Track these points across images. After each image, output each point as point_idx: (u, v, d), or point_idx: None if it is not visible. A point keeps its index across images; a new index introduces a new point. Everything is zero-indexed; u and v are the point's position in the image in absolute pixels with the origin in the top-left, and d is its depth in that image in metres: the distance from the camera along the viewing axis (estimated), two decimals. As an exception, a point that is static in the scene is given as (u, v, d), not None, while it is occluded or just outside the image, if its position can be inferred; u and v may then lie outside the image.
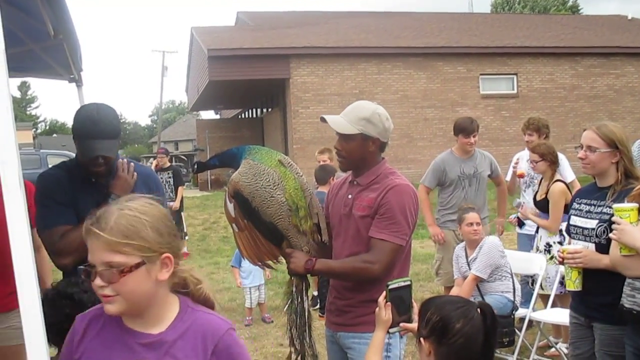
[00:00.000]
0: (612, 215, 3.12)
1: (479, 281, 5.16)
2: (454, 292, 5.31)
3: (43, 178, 3.08)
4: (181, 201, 11.11)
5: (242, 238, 3.05)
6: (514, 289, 5.25)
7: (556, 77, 23.05)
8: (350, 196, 3.06)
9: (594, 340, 3.42)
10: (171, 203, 10.16)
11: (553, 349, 5.60)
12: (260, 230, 3.00)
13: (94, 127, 2.94)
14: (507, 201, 6.58)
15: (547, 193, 5.50)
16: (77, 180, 3.05)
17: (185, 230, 11.60)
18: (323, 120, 3.04)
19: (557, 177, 5.58)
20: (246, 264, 6.47)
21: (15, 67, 4.40)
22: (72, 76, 4.55)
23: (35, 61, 4.31)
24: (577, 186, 5.19)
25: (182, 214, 11.36)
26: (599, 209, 3.37)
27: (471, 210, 5.44)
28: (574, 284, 3.36)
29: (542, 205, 5.58)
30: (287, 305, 3.14)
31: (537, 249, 5.62)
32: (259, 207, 2.93)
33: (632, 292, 3.05)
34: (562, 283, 5.26)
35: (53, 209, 2.98)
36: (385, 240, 2.88)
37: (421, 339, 2.16)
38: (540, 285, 5.48)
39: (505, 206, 6.55)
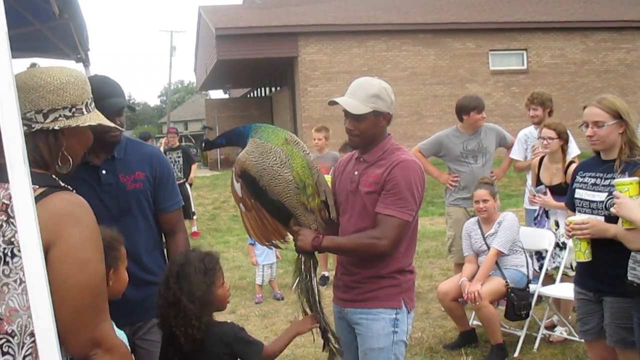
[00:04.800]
0: None
1: (499, 256, 5.17)
2: (466, 269, 5.30)
3: None
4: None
5: (249, 218, 3.02)
6: (526, 262, 5.26)
7: (566, 52, 22.79)
8: (356, 173, 3.06)
9: (602, 315, 3.43)
10: (180, 182, 10.23)
11: (562, 328, 5.55)
12: (268, 209, 2.97)
13: (107, 87, 2.87)
14: (510, 165, 6.51)
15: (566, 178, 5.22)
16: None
17: (193, 210, 11.67)
18: (332, 103, 3.00)
19: (568, 158, 5.48)
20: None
21: (23, 47, 4.40)
22: (79, 56, 4.54)
23: (43, 41, 4.29)
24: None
25: (191, 192, 11.42)
26: (607, 182, 3.35)
27: (482, 185, 5.37)
28: (584, 254, 3.34)
29: (561, 190, 5.10)
30: (295, 284, 3.14)
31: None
32: (266, 186, 2.91)
33: (634, 264, 3.08)
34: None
35: None
36: (392, 216, 2.88)
37: None
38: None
39: (508, 166, 6.48)
